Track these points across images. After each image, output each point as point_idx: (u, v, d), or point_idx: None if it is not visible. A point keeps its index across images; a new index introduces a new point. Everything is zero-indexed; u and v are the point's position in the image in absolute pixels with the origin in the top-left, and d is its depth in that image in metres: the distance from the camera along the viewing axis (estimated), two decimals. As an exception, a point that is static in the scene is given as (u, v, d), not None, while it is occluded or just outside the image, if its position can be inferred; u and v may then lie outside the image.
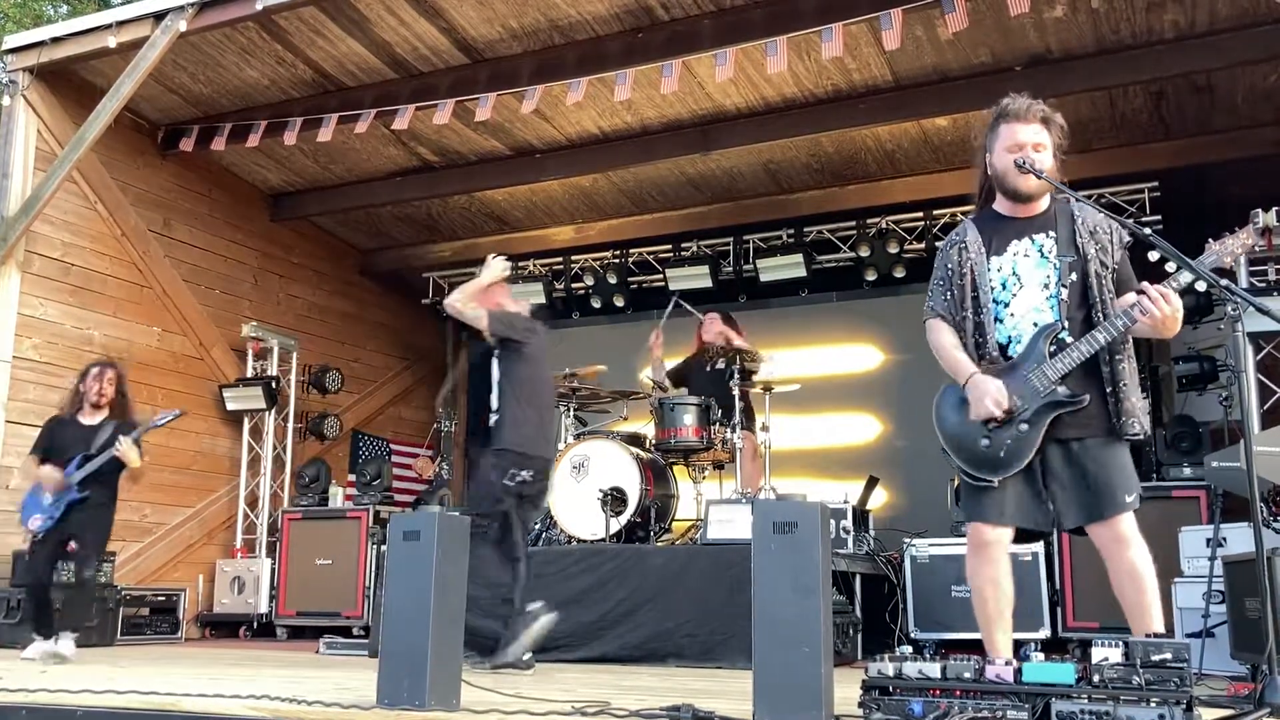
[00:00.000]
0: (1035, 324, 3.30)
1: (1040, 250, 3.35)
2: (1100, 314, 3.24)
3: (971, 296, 3.38)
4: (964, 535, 3.72)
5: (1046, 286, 3.30)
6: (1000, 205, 3.48)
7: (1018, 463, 3.24)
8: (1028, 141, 3.38)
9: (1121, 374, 3.26)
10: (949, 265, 3.45)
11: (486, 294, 5.44)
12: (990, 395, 3.23)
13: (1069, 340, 3.24)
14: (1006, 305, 3.35)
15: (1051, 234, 3.36)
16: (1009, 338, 3.35)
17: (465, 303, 5.25)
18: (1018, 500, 3.29)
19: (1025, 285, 3.33)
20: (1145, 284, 3.18)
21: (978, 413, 3.25)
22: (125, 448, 5.98)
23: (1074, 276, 3.27)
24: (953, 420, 3.38)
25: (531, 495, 5.35)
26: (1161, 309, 3.12)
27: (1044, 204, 3.43)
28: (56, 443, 6.14)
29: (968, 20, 5.81)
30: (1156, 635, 2.99)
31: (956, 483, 7.02)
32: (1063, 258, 3.29)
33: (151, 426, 6.34)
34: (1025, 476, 3.27)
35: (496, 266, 5.46)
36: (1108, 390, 3.26)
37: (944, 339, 3.43)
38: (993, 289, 3.36)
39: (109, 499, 6.16)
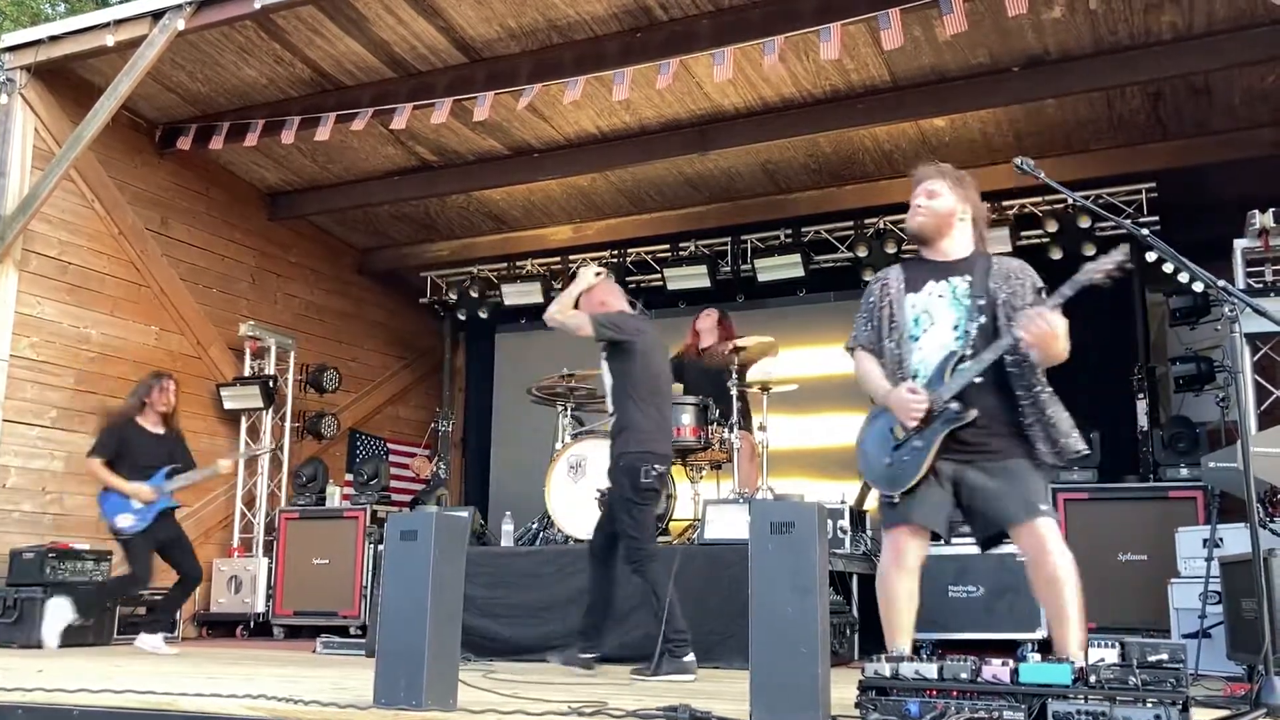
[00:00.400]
0: (943, 358, 3.52)
1: (953, 292, 3.58)
2: (1009, 343, 3.42)
3: (890, 328, 3.65)
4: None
5: (956, 326, 3.53)
6: (924, 251, 3.76)
7: (912, 477, 3.44)
8: (921, 191, 3.72)
9: (1045, 404, 3.45)
10: (871, 300, 3.75)
11: (588, 299, 5.30)
12: (905, 400, 3.46)
13: (965, 361, 3.46)
14: (917, 340, 3.60)
15: (967, 278, 3.58)
16: (916, 370, 3.56)
17: (563, 313, 5.12)
18: (929, 503, 3.46)
19: (936, 323, 3.58)
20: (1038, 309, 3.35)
21: (905, 420, 3.46)
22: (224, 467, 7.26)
23: (983, 317, 3.49)
24: (865, 444, 3.65)
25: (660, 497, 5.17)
26: (1037, 326, 3.29)
27: (964, 252, 3.67)
28: (129, 449, 6.71)
29: (966, 23, 5.81)
30: (1069, 656, 3.10)
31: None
32: (974, 298, 3.52)
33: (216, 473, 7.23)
34: (938, 486, 3.45)
35: (587, 275, 5.29)
36: (1028, 422, 3.44)
37: (867, 366, 3.72)
38: (909, 324, 3.62)
39: None
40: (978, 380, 3.42)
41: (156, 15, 6.74)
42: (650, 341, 5.27)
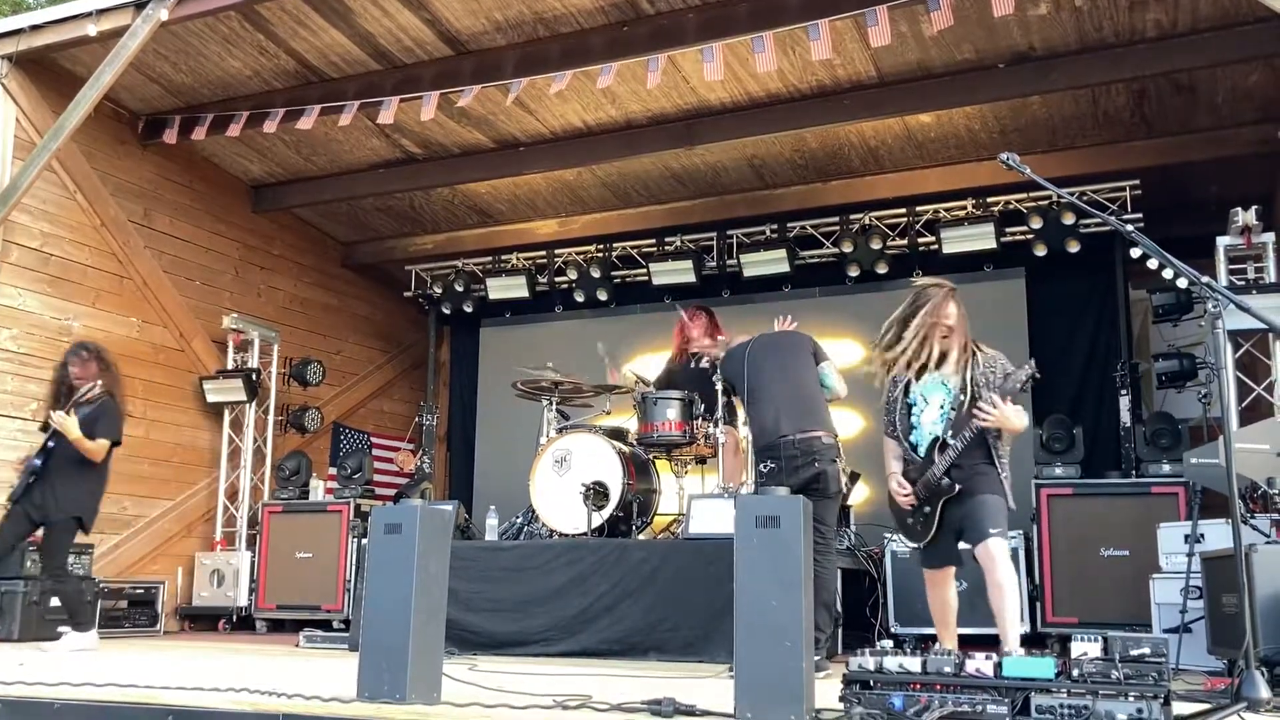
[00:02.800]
0: (932, 434, 4.49)
1: (942, 382, 4.54)
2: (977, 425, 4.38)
3: (900, 418, 4.62)
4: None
5: (942, 406, 4.51)
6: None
7: (926, 535, 4.50)
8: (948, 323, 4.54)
9: (1002, 454, 4.45)
10: (889, 396, 4.68)
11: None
12: (894, 492, 4.59)
13: (949, 443, 4.41)
14: (917, 419, 4.58)
15: (957, 376, 4.52)
16: (918, 441, 4.57)
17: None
18: (944, 550, 4.52)
19: (929, 404, 4.55)
20: (991, 396, 4.35)
21: (901, 504, 4.58)
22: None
23: (963, 398, 4.44)
24: (894, 506, 4.66)
25: (800, 484, 5.12)
26: (988, 415, 4.32)
27: (954, 355, 4.56)
28: None
29: (953, 19, 5.82)
30: (1011, 646, 3.96)
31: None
32: (958, 389, 4.48)
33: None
34: (946, 533, 4.46)
35: None
36: (1004, 474, 4.45)
37: (887, 450, 4.71)
38: (910, 407, 4.60)
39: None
40: (962, 447, 4.36)
41: (139, 5, 6.69)
42: (738, 357, 5.81)
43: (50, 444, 6.13)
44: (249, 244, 9.50)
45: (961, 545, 4.46)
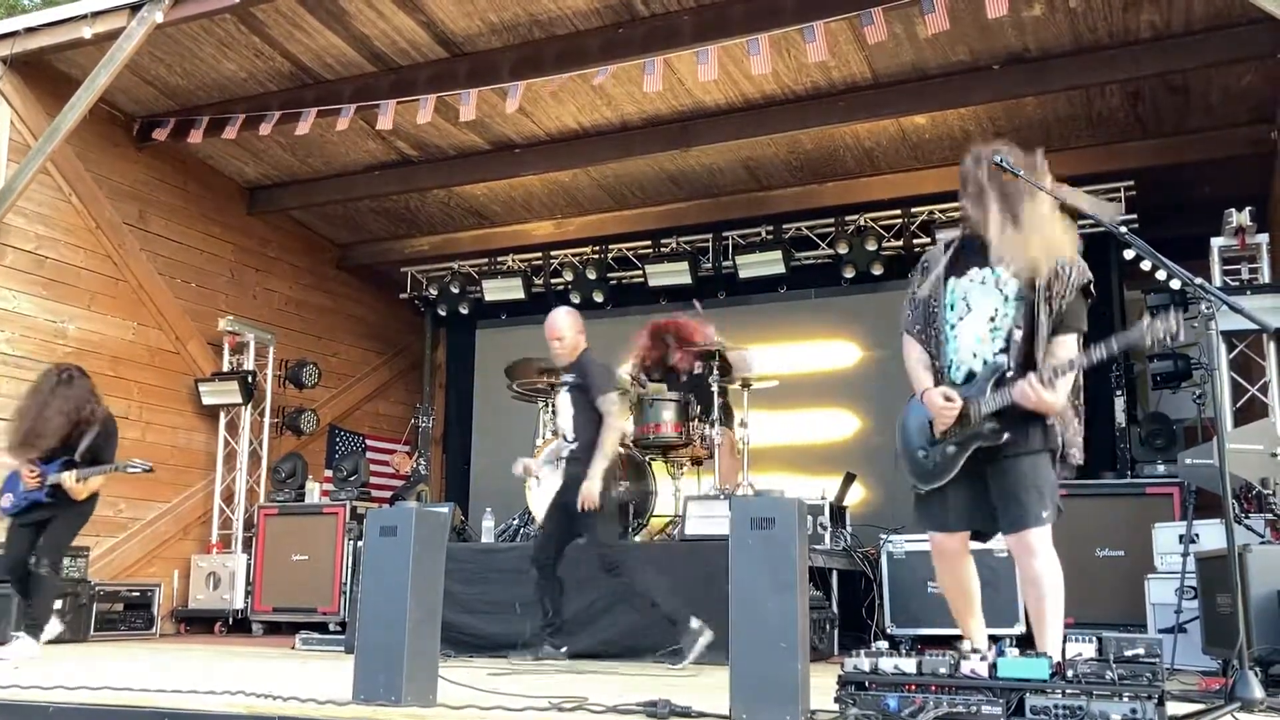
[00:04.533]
0: (974, 353, 3.50)
1: (997, 279, 3.49)
2: (1039, 353, 3.40)
3: (928, 316, 3.59)
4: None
5: (993, 319, 3.48)
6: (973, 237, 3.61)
7: (941, 478, 3.51)
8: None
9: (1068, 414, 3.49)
10: (914, 285, 3.69)
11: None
12: (939, 406, 3.47)
13: (1010, 379, 3.40)
14: (953, 328, 3.55)
15: (1013, 268, 3.46)
16: (950, 361, 3.55)
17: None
18: (960, 507, 3.55)
19: (972, 311, 3.51)
20: (1030, 376, 3.34)
21: (938, 424, 3.49)
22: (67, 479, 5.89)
23: (1024, 313, 3.43)
24: (904, 429, 3.67)
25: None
26: (1028, 399, 3.33)
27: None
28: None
29: (948, 23, 5.83)
30: (1047, 651, 3.18)
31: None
32: (1019, 296, 3.44)
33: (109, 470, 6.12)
34: (968, 486, 3.52)
35: None
36: (1047, 420, 3.46)
37: (910, 353, 3.67)
38: (947, 308, 3.56)
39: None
40: (1010, 375, 3.40)
41: (135, 8, 6.69)
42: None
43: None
44: (244, 246, 9.49)
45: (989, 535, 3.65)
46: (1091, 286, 3.47)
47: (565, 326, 5.80)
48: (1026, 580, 3.49)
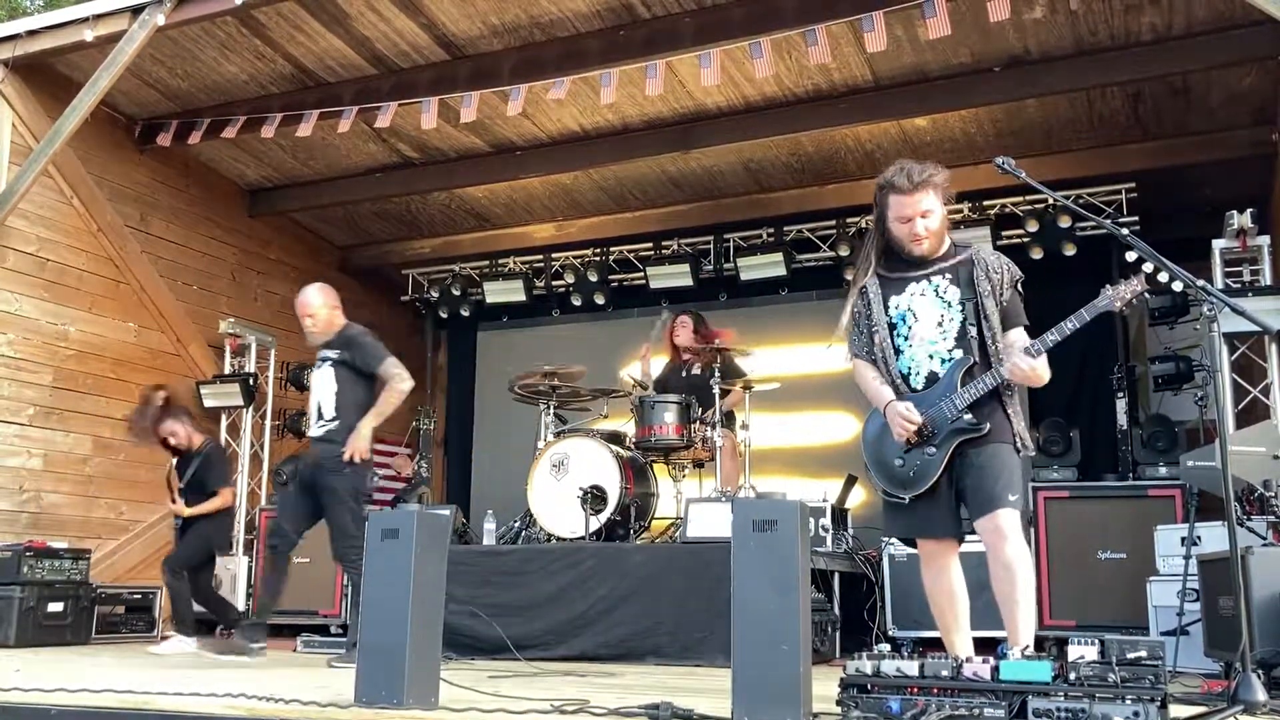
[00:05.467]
0: (930, 355, 3.65)
1: (935, 290, 3.67)
2: (992, 346, 3.58)
3: (876, 334, 3.74)
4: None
5: (940, 324, 3.64)
6: (902, 255, 3.77)
7: (924, 482, 3.57)
8: (914, 214, 3.65)
9: (1012, 401, 3.63)
10: (856, 310, 3.83)
11: None
12: (899, 418, 3.58)
13: (975, 373, 3.57)
14: (906, 338, 3.69)
15: (948, 276, 3.68)
16: (908, 369, 3.69)
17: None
18: (945, 512, 3.62)
19: (920, 320, 3.67)
20: (1016, 351, 3.54)
21: (897, 436, 3.60)
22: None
23: (971, 312, 3.61)
24: (873, 442, 3.75)
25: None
26: (1020, 373, 3.51)
27: (941, 250, 3.74)
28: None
29: (949, 27, 5.82)
30: (1022, 644, 3.33)
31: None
32: (963, 300, 3.63)
33: None
34: (947, 489, 3.59)
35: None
36: (1012, 411, 3.61)
37: (865, 373, 3.80)
38: (892, 326, 3.72)
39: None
40: (975, 369, 3.57)
41: (136, 10, 6.69)
42: None
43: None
44: (246, 248, 9.49)
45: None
46: (1020, 285, 3.70)
47: (318, 303, 5.76)
48: (999, 564, 3.49)
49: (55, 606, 6.89)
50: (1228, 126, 7.48)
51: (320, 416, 5.80)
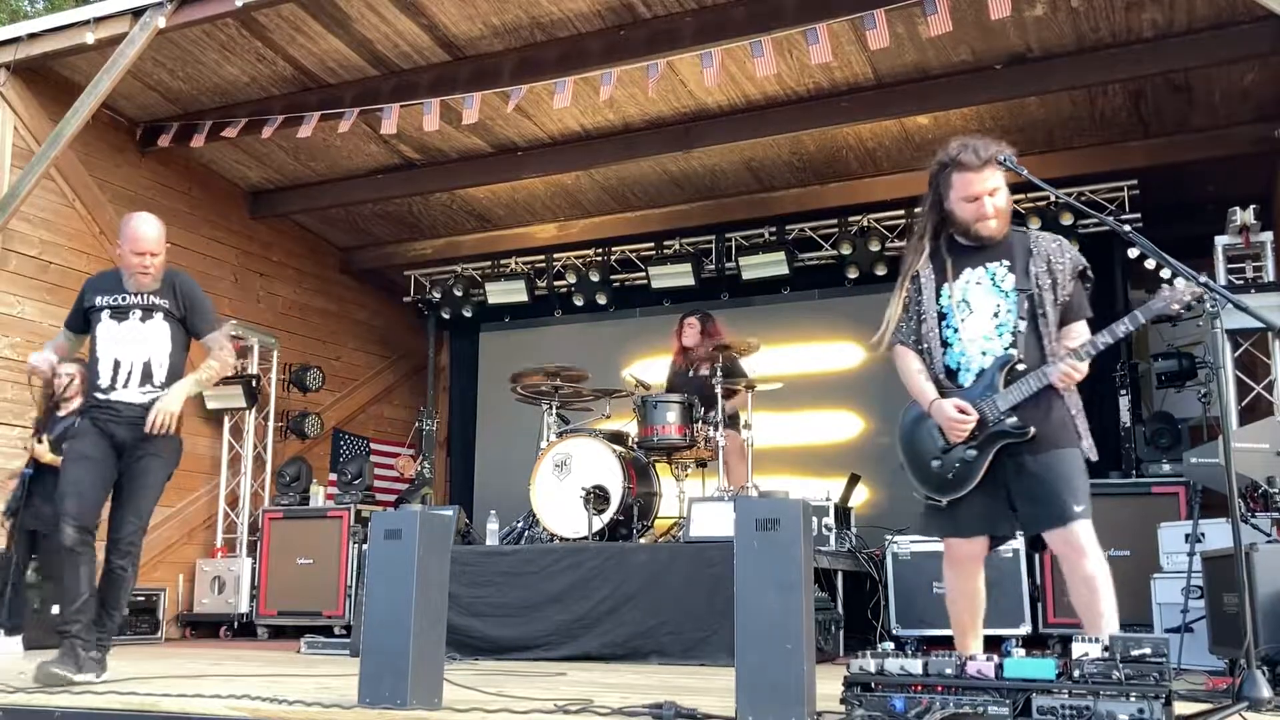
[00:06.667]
0: (984, 351, 3.40)
1: (993, 279, 3.42)
2: (1049, 343, 3.35)
3: (924, 323, 3.50)
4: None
5: (996, 315, 3.39)
6: (959, 235, 3.54)
7: (963, 486, 3.38)
8: (983, 192, 3.45)
9: (1073, 399, 3.39)
10: (905, 294, 3.57)
11: None
12: (951, 419, 3.35)
13: (1021, 371, 3.34)
14: (956, 330, 3.45)
15: (1005, 263, 3.43)
16: (958, 363, 3.45)
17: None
18: (983, 512, 3.41)
19: (974, 312, 3.42)
20: (1067, 354, 3.30)
21: (954, 437, 3.37)
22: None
23: (1027, 307, 3.37)
24: (910, 438, 3.54)
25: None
26: (1069, 377, 3.28)
27: (1000, 234, 3.49)
28: None
29: (951, 24, 5.82)
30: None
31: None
32: (1018, 290, 3.38)
33: None
34: (984, 487, 3.37)
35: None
36: (1074, 412, 3.38)
37: (908, 364, 3.55)
38: (942, 315, 3.47)
39: None
40: (1020, 367, 3.33)
41: (137, 13, 6.69)
42: None
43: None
44: (247, 250, 9.49)
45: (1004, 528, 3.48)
46: (1089, 271, 3.44)
47: (160, 238, 4.77)
48: (1079, 579, 3.28)
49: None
50: (1229, 123, 7.47)
51: (153, 383, 4.68)
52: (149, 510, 4.65)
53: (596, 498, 6.49)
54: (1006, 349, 3.37)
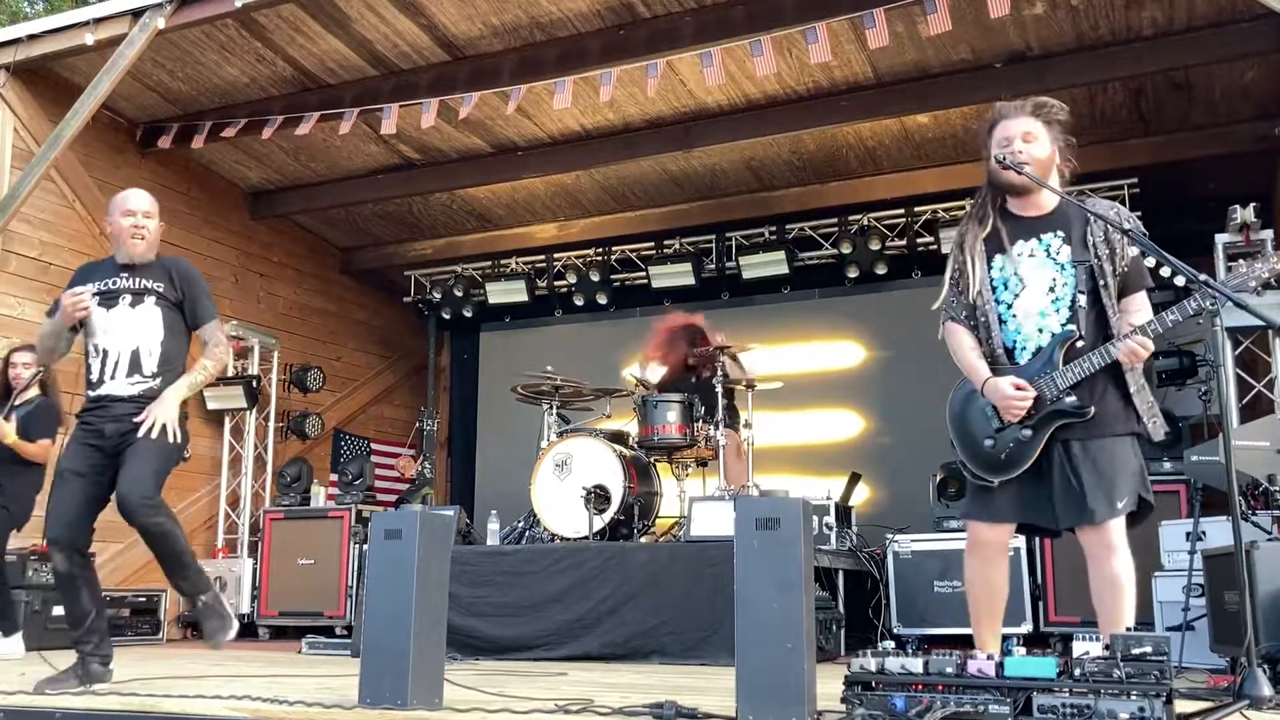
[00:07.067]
0: (1040, 328, 3.29)
1: (1047, 250, 3.32)
2: (1113, 315, 3.24)
3: (975, 296, 3.37)
4: (946, 531, 3.76)
5: (1052, 289, 3.28)
6: (1011, 204, 3.44)
7: (1017, 467, 3.27)
8: (1015, 134, 3.36)
9: (1135, 378, 3.26)
10: (954, 267, 3.45)
11: None
12: (1009, 398, 3.23)
13: (1081, 349, 3.23)
14: (1010, 306, 3.34)
15: (1060, 234, 3.33)
16: (1014, 341, 3.34)
17: None
18: (1018, 499, 3.32)
19: (1028, 286, 3.31)
20: (1132, 330, 3.18)
21: (1010, 417, 3.25)
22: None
23: (1085, 280, 3.25)
24: (961, 417, 3.43)
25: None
26: (1137, 355, 3.15)
27: (1054, 202, 3.39)
28: None
29: (950, 23, 5.82)
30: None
31: (939, 478, 7.04)
32: (1075, 261, 3.27)
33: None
34: (1031, 475, 3.28)
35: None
36: (1134, 389, 3.25)
37: (960, 341, 3.44)
38: (994, 289, 3.35)
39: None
40: (1080, 344, 3.22)
41: (136, 14, 6.69)
42: None
43: None
44: (248, 251, 9.49)
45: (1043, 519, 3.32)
46: (1133, 233, 3.27)
47: (154, 206, 4.54)
48: (1103, 578, 3.19)
49: (61, 610, 6.87)
50: (1230, 121, 7.47)
51: (143, 373, 4.30)
52: (152, 469, 4.14)
53: (597, 497, 6.49)
54: (1065, 325, 3.25)
